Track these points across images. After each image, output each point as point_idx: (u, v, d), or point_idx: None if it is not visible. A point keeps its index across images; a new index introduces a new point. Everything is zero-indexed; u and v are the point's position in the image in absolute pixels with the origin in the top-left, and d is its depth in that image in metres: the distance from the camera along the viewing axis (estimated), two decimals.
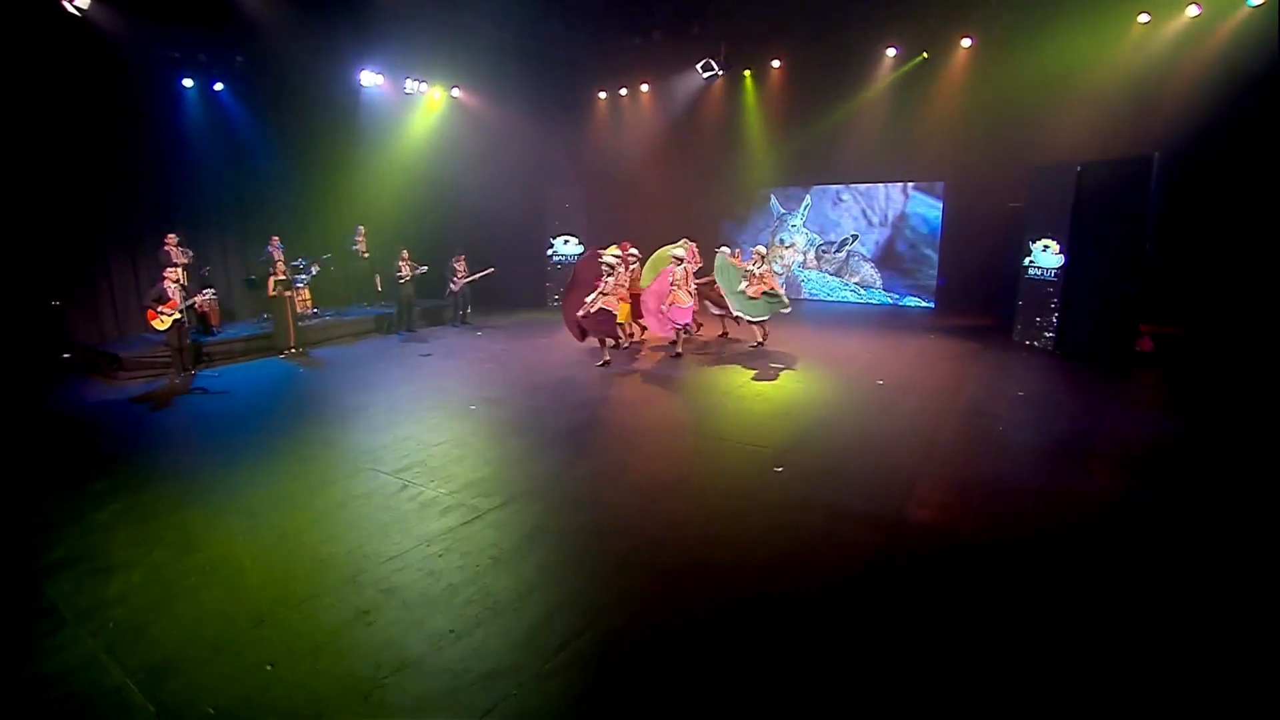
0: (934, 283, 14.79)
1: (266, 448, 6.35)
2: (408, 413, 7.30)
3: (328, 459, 5.96)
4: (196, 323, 10.41)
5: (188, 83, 11.28)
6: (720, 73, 13.02)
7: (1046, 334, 10.17)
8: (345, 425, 7.00)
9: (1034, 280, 10.41)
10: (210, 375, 9.42)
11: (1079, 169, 9.46)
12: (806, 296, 16.17)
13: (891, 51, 13.20)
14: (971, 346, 10.54)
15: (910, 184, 14.79)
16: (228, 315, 12.12)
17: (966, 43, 12.45)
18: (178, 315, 9.03)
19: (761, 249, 10.28)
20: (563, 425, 6.81)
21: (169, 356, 9.34)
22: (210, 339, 10.49)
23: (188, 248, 10.67)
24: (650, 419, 7.08)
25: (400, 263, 12.05)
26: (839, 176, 15.34)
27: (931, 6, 12.29)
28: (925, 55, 12.79)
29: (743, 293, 9.98)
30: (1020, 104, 12.10)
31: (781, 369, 9.11)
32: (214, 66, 11.42)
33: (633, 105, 16.06)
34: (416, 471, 5.56)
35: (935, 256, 14.70)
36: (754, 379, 8.64)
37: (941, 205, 14.52)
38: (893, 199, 15.08)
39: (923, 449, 6.03)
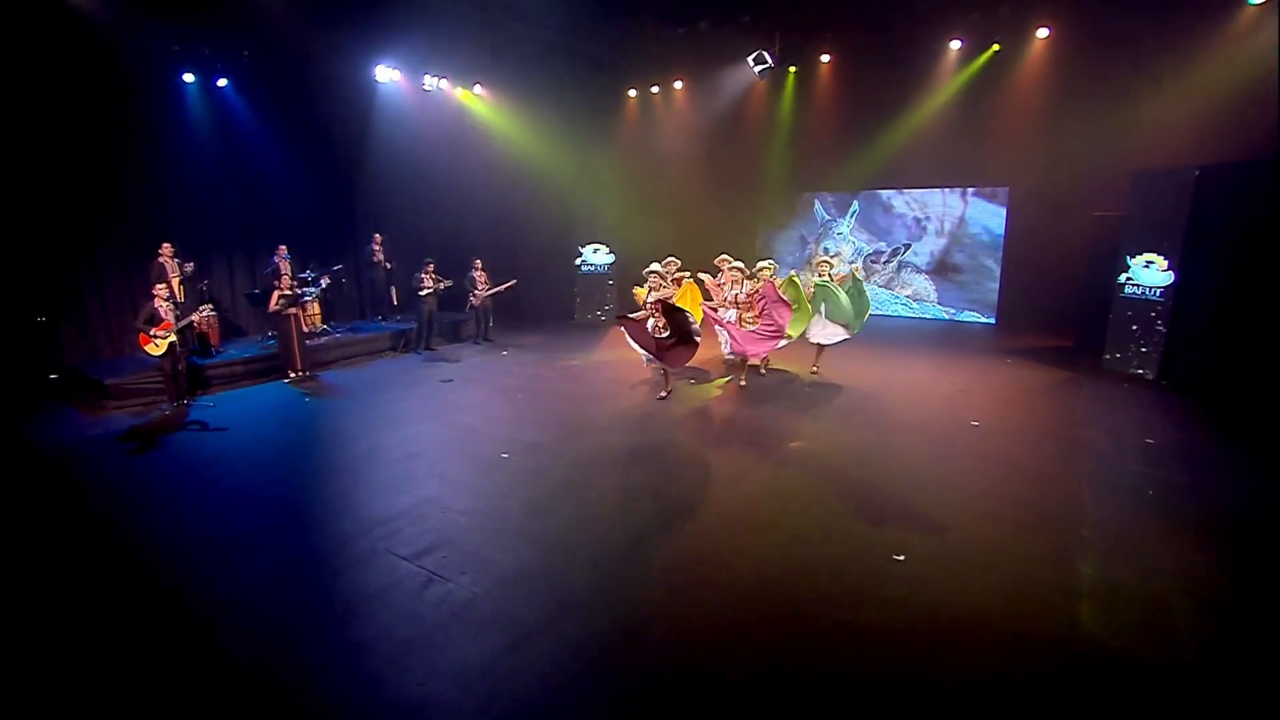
0: (995, 297, 13.57)
1: (260, 513, 5.25)
2: (428, 462, 6.20)
3: (332, 533, 4.85)
4: (195, 342, 9.40)
5: (189, 78, 10.27)
6: (773, 65, 11.81)
7: (1148, 361, 8.95)
8: (354, 480, 5.88)
9: (1132, 300, 9.18)
10: (206, 404, 8.38)
11: (1197, 173, 8.23)
12: None
13: (956, 44, 11.98)
14: (1060, 374, 9.32)
15: (970, 189, 13.56)
16: (235, 331, 11.15)
17: (1043, 33, 11.19)
18: (172, 338, 8.00)
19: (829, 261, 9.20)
20: (617, 486, 5.67)
21: (161, 382, 8.33)
22: (210, 361, 9.45)
23: (186, 258, 9.64)
24: (723, 479, 5.88)
25: (423, 275, 10.95)
26: (890, 180, 14.13)
27: None
28: (998, 46, 11.54)
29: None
30: (1106, 101, 10.90)
31: (856, 407, 7.93)
32: (217, 60, 10.42)
33: (665, 103, 14.91)
34: (443, 556, 4.44)
35: (998, 269, 13.48)
36: (829, 422, 7.46)
37: (1005, 212, 13.29)
38: (950, 205, 13.86)
39: (1067, 525, 4.85)
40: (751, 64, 11.86)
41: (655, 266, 8.45)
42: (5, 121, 8.47)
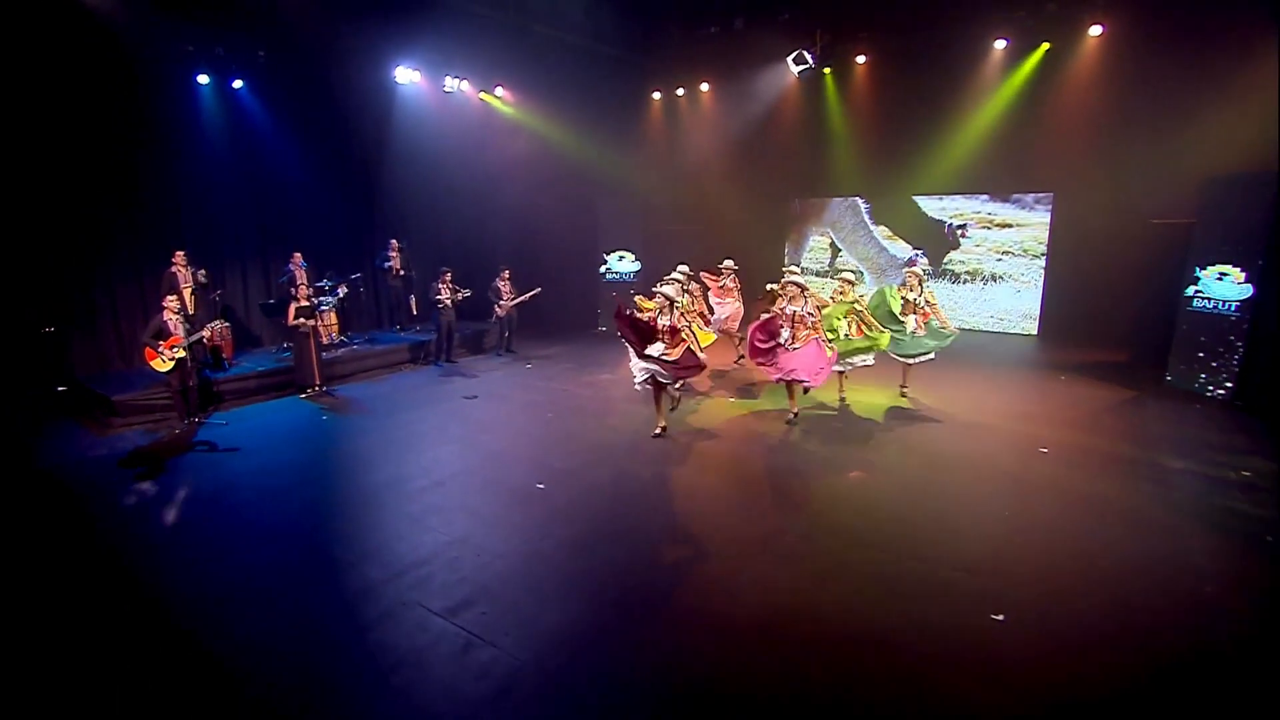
0: (1037, 308, 12.97)
1: (274, 553, 4.77)
2: (456, 493, 5.70)
3: (355, 578, 4.36)
4: (208, 355, 8.97)
5: (203, 79, 9.90)
6: (813, 66, 11.28)
7: (1219, 380, 8.34)
8: (377, 514, 5.40)
9: (1202, 314, 8.59)
10: (218, 422, 7.95)
11: None
12: None
13: (1001, 44, 11.41)
14: (1122, 393, 8.72)
15: (1013, 195, 12.97)
16: (250, 340, 10.74)
17: (1096, 31, 10.59)
18: (180, 354, 7.56)
19: (921, 269, 8.58)
20: (665, 520, 5.15)
21: (169, 398, 7.90)
22: (222, 375, 9.02)
23: (199, 265, 9.21)
24: (779, 513, 5.33)
25: (440, 285, 10.46)
26: (928, 185, 13.55)
27: None
28: (1049, 45, 10.96)
29: (907, 332, 8.19)
30: (1164, 103, 10.27)
31: (911, 430, 7.35)
32: (233, 61, 10.06)
33: (691, 106, 14.41)
34: (480, 610, 3.94)
35: (1041, 278, 12.87)
36: (884, 449, 6.88)
37: (1050, 219, 12.69)
38: (991, 212, 13.26)
39: (1182, 580, 4.27)
40: (791, 64, 11.34)
41: (676, 276, 7.61)
42: (16, 123, 8.12)
